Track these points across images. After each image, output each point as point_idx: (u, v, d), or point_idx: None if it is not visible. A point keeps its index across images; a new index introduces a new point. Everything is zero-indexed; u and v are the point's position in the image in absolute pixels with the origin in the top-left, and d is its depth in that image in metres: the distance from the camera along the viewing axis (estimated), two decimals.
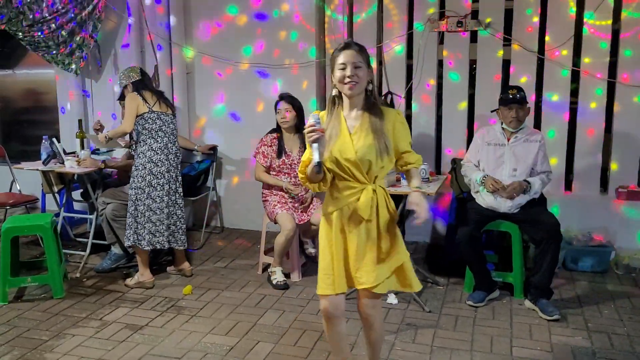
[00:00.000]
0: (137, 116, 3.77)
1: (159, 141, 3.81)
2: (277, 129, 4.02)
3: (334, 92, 2.27)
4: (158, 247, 3.86)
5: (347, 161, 2.21)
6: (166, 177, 3.84)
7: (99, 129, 4.42)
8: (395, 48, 4.56)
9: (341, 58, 2.20)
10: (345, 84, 2.19)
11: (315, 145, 2.12)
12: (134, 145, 3.92)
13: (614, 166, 4.24)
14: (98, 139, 4.12)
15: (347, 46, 2.22)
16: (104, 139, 3.98)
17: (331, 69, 2.26)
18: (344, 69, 2.19)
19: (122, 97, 4.02)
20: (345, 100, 2.27)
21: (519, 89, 3.57)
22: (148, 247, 3.83)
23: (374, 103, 2.26)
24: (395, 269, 2.31)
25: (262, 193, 4.07)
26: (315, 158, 2.12)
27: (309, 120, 2.14)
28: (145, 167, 3.78)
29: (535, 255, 3.49)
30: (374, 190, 2.25)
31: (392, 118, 2.27)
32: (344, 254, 2.30)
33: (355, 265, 2.28)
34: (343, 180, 2.26)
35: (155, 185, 3.81)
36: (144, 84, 3.91)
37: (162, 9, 4.98)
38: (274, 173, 3.99)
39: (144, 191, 3.79)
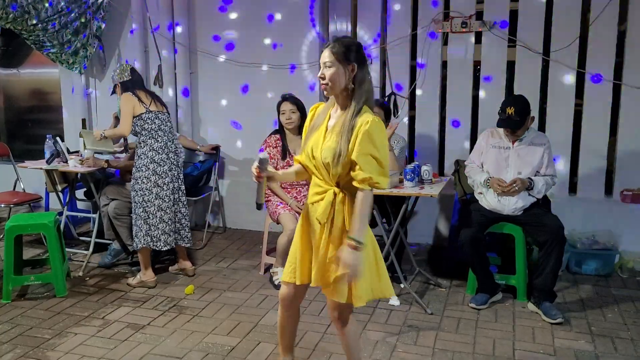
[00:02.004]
0: (134, 117, 3.75)
1: (159, 140, 3.80)
2: (279, 131, 4.01)
3: None
4: (170, 247, 3.89)
5: (314, 158, 2.21)
6: (169, 175, 3.84)
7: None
8: (399, 49, 4.55)
9: (321, 57, 2.17)
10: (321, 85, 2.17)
11: (257, 185, 2.21)
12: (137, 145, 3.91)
13: (618, 169, 4.22)
14: (92, 135, 4.02)
15: (327, 45, 2.15)
16: (99, 135, 3.90)
17: None
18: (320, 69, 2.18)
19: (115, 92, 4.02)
20: (335, 98, 2.22)
21: (518, 108, 3.40)
22: (166, 247, 3.87)
23: (353, 105, 2.12)
24: (341, 278, 2.17)
25: (265, 193, 4.06)
26: (257, 199, 2.25)
27: (258, 161, 2.19)
28: (149, 168, 3.78)
29: (539, 257, 3.47)
30: (335, 194, 2.18)
31: (360, 124, 2.08)
32: (308, 248, 2.30)
33: (314, 262, 2.28)
34: (314, 176, 2.27)
35: (162, 185, 3.81)
36: (133, 82, 3.86)
37: (166, 9, 4.99)
38: None
39: (152, 192, 3.79)
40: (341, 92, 2.15)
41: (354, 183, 2.11)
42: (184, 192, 3.99)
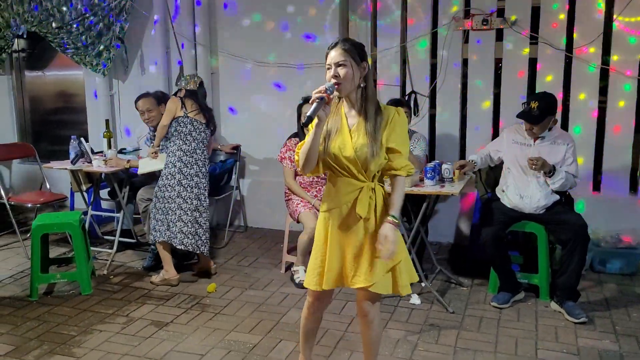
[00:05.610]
0: (172, 119, 3.86)
1: (188, 144, 3.87)
2: (298, 134, 4.03)
3: None
4: (190, 249, 3.88)
5: (346, 159, 2.20)
6: (194, 180, 3.89)
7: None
8: (419, 47, 4.54)
9: (328, 59, 2.19)
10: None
11: (316, 103, 2.08)
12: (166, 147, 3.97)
13: None
14: (146, 158, 4.16)
15: (334, 45, 2.20)
16: (152, 154, 4.05)
17: None
18: (329, 69, 2.18)
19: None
20: (344, 98, 2.25)
21: (542, 105, 3.37)
22: (180, 247, 3.87)
23: (370, 101, 2.21)
24: (391, 269, 2.28)
25: (285, 192, 4.09)
26: (309, 112, 2.08)
27: (324, 85, 2.13)
28: (175, 166, 3.85)
29: (562, 256, 3.43)
30: (373, 189, 2.24)
31: (389, 116, 2.22)
32: (340, 252, 2.29)
33: (353, 264, 2.27)
34: (342, 177, 2.25)
35: (186, 185, 3.86)
36: (192, 92, 3.93)
37: (188, 10, 5.05)
38: (300, 179, 4.03)
39: (174, 189, 3.84)
40: (353, 91, 2.21)
41: (394, 172, 2.25)
42: (207, 200, 4.00)
